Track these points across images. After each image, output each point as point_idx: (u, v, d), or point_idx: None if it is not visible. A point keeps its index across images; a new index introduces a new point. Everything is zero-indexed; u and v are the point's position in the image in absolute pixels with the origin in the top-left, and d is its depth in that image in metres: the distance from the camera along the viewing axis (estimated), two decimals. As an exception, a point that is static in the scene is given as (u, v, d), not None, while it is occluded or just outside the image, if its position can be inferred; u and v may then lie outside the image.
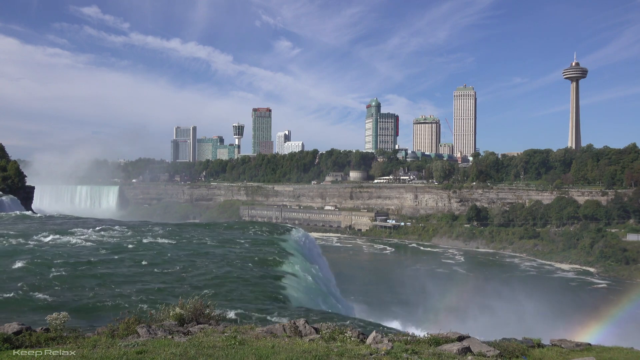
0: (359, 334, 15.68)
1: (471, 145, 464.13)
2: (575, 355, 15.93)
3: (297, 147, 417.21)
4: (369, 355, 13.17)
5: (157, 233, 63.19)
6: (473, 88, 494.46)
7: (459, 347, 13.98)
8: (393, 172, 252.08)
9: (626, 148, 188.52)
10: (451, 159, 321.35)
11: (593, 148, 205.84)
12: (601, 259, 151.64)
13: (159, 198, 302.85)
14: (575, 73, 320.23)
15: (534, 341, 17.39)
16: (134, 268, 42.53)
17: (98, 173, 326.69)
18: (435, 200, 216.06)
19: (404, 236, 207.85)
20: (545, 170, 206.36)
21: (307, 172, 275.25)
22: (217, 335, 14.64)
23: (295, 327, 15.81)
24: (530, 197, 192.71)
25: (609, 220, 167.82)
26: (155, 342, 13.64)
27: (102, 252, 48.96)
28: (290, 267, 48.29)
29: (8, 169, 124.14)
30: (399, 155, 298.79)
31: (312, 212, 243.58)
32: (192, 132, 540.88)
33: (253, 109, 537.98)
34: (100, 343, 13.47)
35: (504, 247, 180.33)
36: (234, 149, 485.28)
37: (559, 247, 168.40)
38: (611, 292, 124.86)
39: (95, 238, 57.01)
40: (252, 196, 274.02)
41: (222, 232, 67.88)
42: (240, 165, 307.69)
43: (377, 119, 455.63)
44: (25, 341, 13.66)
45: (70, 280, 36.64)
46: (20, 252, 46.45)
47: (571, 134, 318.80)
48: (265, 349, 13.03)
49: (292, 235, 65.53)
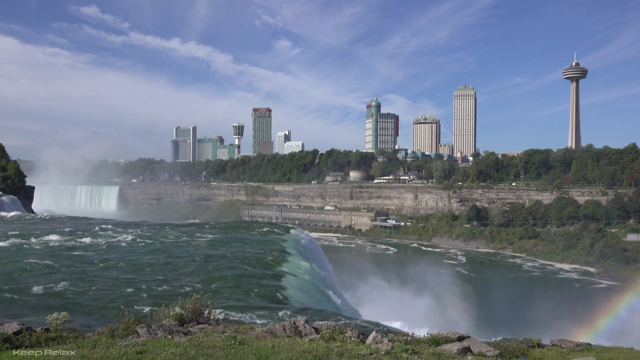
0: (359, 334, 15.67)
1: (471, 145, 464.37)
2: (575, 355, 15.92)
3: (297, 147, 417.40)
4: (369, 355, 13.16)
5: (156, 233, 63.20)
6: (473, 88, 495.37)
7: (459, 347, 13.98)
8: (393, 172, 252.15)
9: (626, 148, 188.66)
10: (451, 159, 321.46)
11: (593, 148, 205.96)
12: (601, 259, 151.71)
13: (159, 198, 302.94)
14: (575, 73, 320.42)
15: (534, 341, 17.39)
16: (133, 268, 42.52)
17: (98, 173, 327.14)
18: (435, 200, 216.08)
19: (404, 236, 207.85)
20: (545, 170, 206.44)
21: (307, 172, 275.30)
22: (217, 335, 14.64)
23: (295, 327, 15.80)
24: (530, 197, 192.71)
25: (609, 220, 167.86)
26: (155, 342, 13.63)
27: (102, 252, 48.98)
28: (290, 267, 48.24)
29: (8, 169, 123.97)
30: (399, 155, 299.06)
31: (312, 212, 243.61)
32: (192, 132, 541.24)
33: (253, 109, 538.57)
34: (100, 343, 13.46)
35: (504, 247, 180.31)
36: (234, 149, 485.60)
37: (559, 247, 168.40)
38: (611, 292, 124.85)
39: (96, 239, 57.02)
40: (252, 196, 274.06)
41: (222, 232, 67.84)
42: (240, 165, 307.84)
43: (377, 119, 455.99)
44: (25, 341, 13.66)
45: (70, 280, 36.64)
46: (20, 253, 46.46)
47: (571, 134, 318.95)
48: (265, 349, 13.02)
49: (292, 235, 65.47)
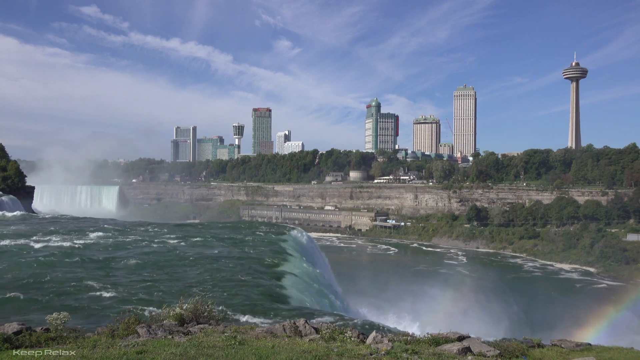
0: (359, 334, 15.68)
1: (471, 145, 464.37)
2: (575, 355, 15.92)
3: (297, 147, 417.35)
4: (369, 355, 13.16)
5: (157, 233, 63.25)
6: (473, 88, 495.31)
7: (459, 347, 13.99)
8: (393, 172, 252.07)
9: (626, 148, 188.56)
10: (451, 159, 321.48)
11: (593, 148, 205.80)
12: (601, 259, 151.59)
13: (159, 198, 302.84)
14: (575, 73, 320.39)
15: (534, 341, 17.39)
16: (134, 268, 42.56)
17: (98, 173, 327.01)
18: (435, 200, 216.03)
19: (404, 236, 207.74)
20: (545, 170, 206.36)
21: (307, 172, 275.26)
22: (217, 335, 14.64)
23: (295, 327, 15.80)
24: (530, 197, 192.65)
25: (609, 220, 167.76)
26: (155, 342, 13.63)
27: (102, 252, 49.00)
28: (290, 267, 48.28)
29: (8, 169, 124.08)
30: (399, 155, 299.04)
31: (312, 212, 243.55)
32: (192, 132, 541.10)
33: (253, 109, 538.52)
34: (100, 343, 13.47)
35: (504, 247, 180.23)
36: (234, 149, 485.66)
37: (559, 247, 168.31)
38: (611, 292, 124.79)
39: (96, 238, 57.03)
40: (252, 196, 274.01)
41: (222, 233, 67.87)
42: (240, 165, 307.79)
43: (377, 119, 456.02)
44: (25, 341, 13.66)
45: (70, 280, 36.65)
46: (20, 253, 46.49)
47: (571, 134, 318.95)
48: (265, 349, 13.02)
49: (292, 235, 65.58)
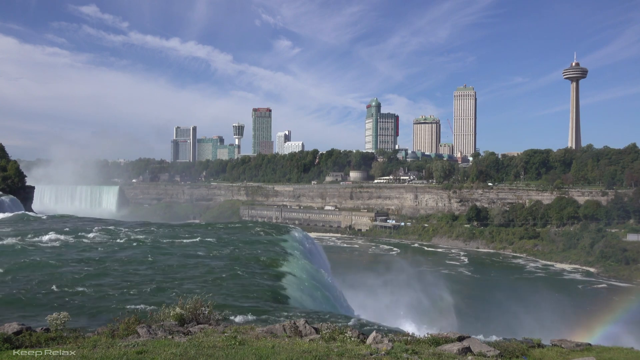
0: (359, 334, 15.67)
1: (471, 145, 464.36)
2: (576, 355, 15.92)
3: (297, 147, 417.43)
4: (369, 355, 13.15)
5: (157, 233, 63.22)
6: (473, 88, 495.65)
7: (459, 347, 13.98)
8: (393, 172, 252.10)
9: (626, 148, 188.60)
10: (451, 159, 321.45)
11: (593, 148, 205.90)
12: (601, 259, 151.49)
13: (159, 198, 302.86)
14: (575, 73, 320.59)
15: (534, 341, 17.39)
16: (134, 268, 42.53)
17: (98, 173, 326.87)
18: (435, 200, 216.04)
19: (404, 236, 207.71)
20: (545, 170, 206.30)
21: (307, 172, 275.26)
22: (217, 336, 14.64)
23: (295, 327, 15.80)
24: (530, 197, 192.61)
25: (609, 220, 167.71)
26: (155, 342, 13.63)
27: (102, 253, 48.98)
28: (290, 267, 48.25)
29: (8, 169, 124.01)
30: (399, 155, 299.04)
31: (312, 212, 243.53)
32: (192, 132, 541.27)
33: (253, 109, 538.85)
34: (100, 343, 13.46)
35: (504, 248, 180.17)
36: (234, 149, 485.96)
37: (559, 247, 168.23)
38: (611, 292, 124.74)
39: (96, 239, 57.02)
40: (252, 196, 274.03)
41: (222, 233, 67.84)
42: (240, 165, 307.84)
43: (377, 119, 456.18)
44: (25, 341, 13.65)
45: (70, 281, 36.64)
46: (20, 253, 46.47)
47: (571, 134, 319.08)
48: (265, 349, 13.02)
49: (292, 236, 65.55)
